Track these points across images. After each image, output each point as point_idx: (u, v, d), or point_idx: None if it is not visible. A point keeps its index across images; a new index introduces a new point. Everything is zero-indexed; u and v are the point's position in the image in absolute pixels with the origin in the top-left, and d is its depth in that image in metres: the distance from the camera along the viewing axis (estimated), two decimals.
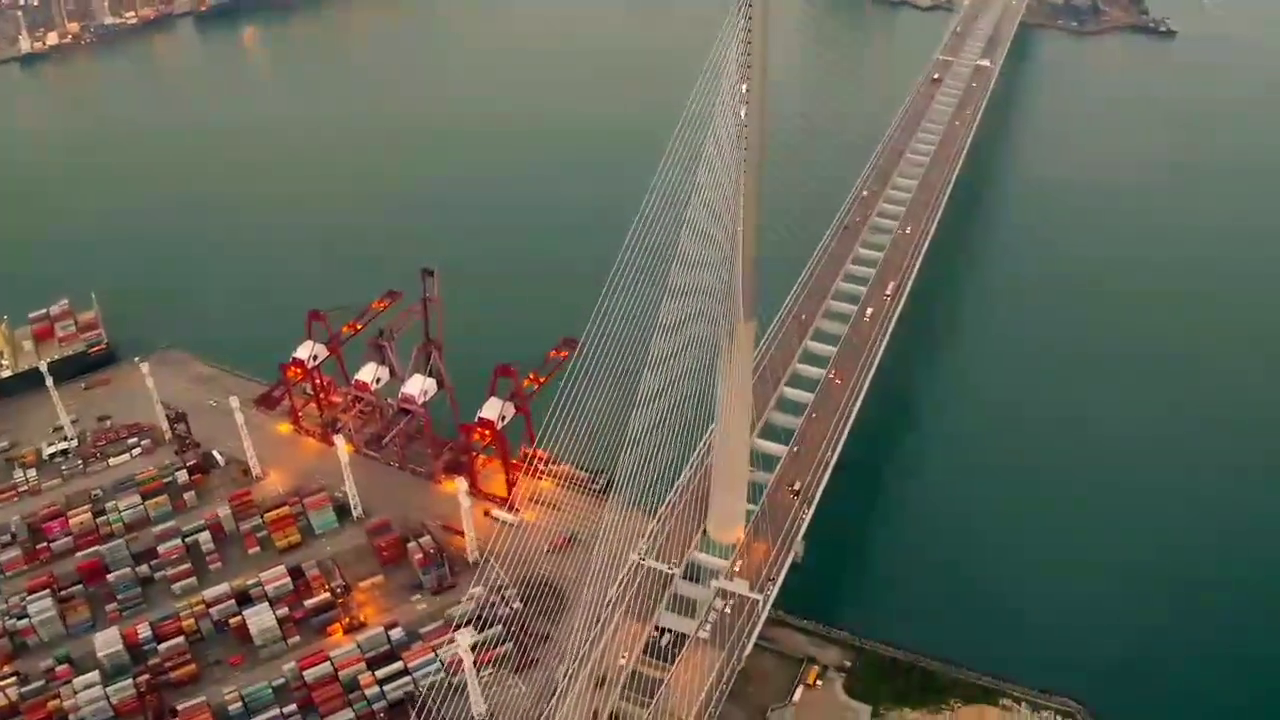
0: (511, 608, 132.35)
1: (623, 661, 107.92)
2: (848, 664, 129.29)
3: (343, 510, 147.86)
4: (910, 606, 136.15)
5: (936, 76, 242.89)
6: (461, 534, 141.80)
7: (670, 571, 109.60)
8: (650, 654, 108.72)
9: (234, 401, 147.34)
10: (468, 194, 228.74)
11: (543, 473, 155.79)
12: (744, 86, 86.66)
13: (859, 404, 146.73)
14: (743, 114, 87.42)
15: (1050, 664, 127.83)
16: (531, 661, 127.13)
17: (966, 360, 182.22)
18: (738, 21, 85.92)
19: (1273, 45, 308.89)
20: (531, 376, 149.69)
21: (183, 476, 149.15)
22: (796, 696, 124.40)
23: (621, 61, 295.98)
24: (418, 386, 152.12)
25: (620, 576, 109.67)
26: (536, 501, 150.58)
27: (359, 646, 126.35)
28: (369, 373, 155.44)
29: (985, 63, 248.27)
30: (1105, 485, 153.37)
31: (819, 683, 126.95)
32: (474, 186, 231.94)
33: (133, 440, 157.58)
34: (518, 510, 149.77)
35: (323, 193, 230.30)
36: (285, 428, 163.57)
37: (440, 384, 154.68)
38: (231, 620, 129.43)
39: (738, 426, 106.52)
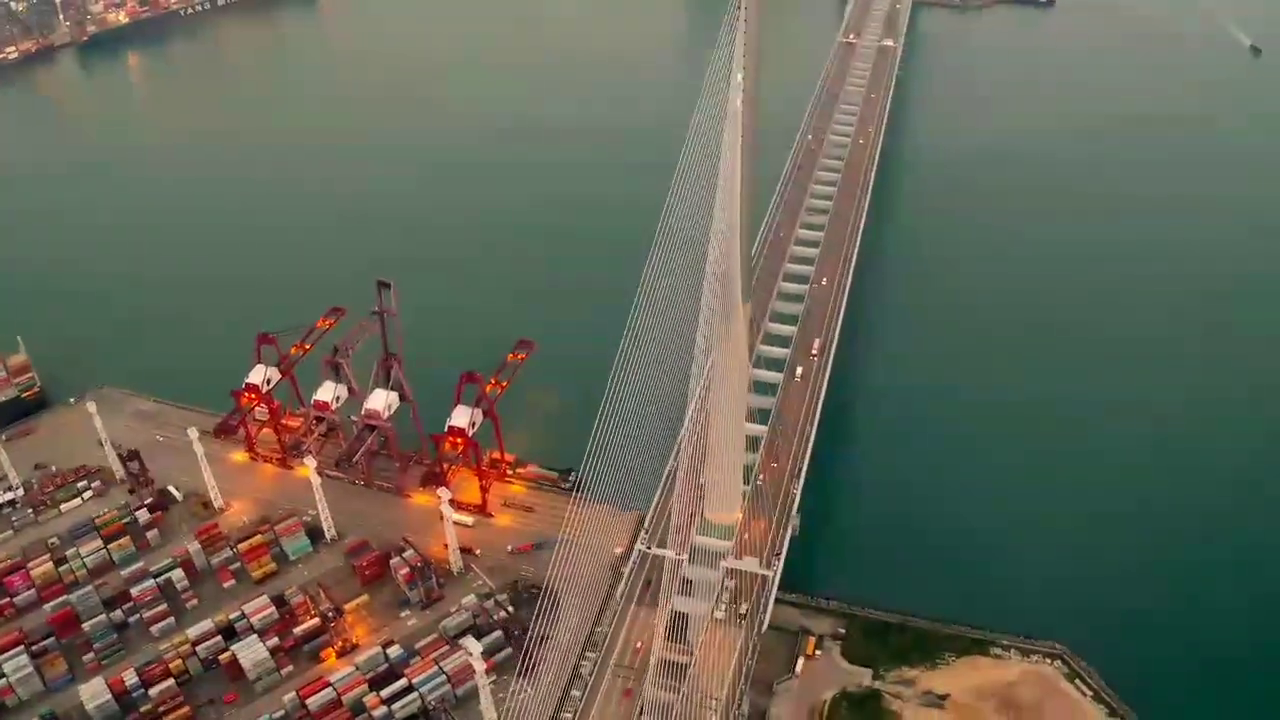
0: (507, 611, 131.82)
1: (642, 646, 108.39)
2: (841, 631, 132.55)
3: (314, 534, 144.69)
4: (892, 571, 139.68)
5: (853, 40, 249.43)
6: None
7: (678, 557, 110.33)
8: (671, 639, 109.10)
9: (193, 433, 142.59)
10: (389, 204, 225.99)
11: (513, 476, 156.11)
12: (739, 75, 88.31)
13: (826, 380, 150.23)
14: (739, 102, 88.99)
15: (1033, 613, 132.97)
16: (534, 664, 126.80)
17: (921, 333, 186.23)
18: (737, 15, 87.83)
19: (1142, 9, 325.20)
20: (493, 381, 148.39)
21: (143, 516, 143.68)
22: (799, 668, 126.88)
23: (513, 61, 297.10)
24: (381, 401, 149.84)
25: (629, 566, 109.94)
26: (508, 505, 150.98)
27: (358, 668, 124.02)
28: (328, 392, 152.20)
29: (889, 43, 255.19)
30: (1064, 441, 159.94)
31: (818, 652, 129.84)
32: (396, 196, 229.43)
33: (83, 484, 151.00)
34: (491, 515, 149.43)
35: (238, 215, 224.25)
36: (241, 456, 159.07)
37: (403, 397, 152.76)
38: (221, 657, 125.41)
39: (733, 407, 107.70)
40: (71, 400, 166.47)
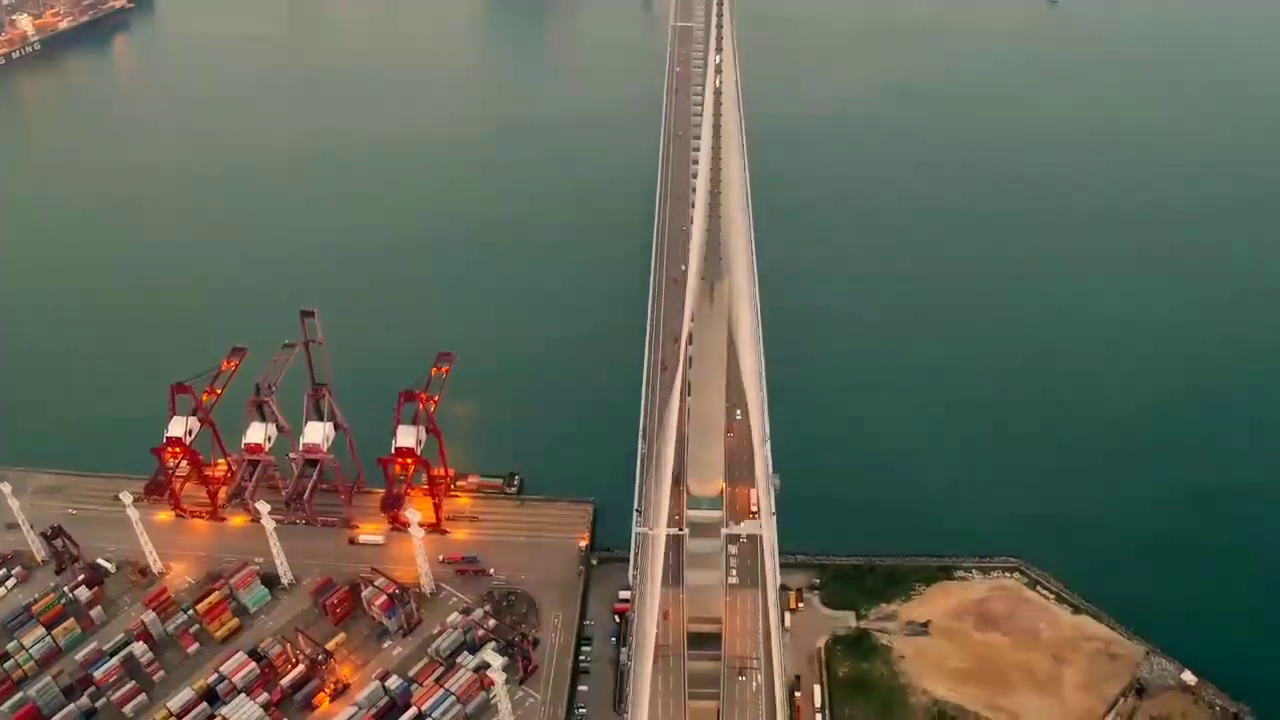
0: (495, 619, 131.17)
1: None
2: (817, 582, 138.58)
3: (269, 581, 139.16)
4: (848, 520, 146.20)
5: (688, 23, 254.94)
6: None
7: (681, 534, 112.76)
8: (694, 613, 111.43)
9: (126, 497, 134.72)
10: (246, 240, 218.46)
11: (457, 489, 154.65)
12: (718, 58, 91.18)
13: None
14: (718, 82, 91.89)
15: (984, 534, 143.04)
16: (534, 669, 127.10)
17: (835, 301, 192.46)
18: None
19: None
20: (424, 396, 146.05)
21: (82, 594, 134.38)
22: (788, 622, 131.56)
23: (327, 69, 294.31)
24: (319, 434, 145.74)
25: (634, 550, 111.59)
26: (455, 518, 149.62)
27: (359, 707, 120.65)
28: (258, 433, 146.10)
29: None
30: (982, 390, 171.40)
31: (801, 604, 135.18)
32: (253, 230, 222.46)
33: (2, 572, 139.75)
34: (447, 532, 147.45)
35: (91, 274, 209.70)
36: (166, 515, 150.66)
37: (336, 426, 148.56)
38: None
39: (713, 382, 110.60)
40: None
